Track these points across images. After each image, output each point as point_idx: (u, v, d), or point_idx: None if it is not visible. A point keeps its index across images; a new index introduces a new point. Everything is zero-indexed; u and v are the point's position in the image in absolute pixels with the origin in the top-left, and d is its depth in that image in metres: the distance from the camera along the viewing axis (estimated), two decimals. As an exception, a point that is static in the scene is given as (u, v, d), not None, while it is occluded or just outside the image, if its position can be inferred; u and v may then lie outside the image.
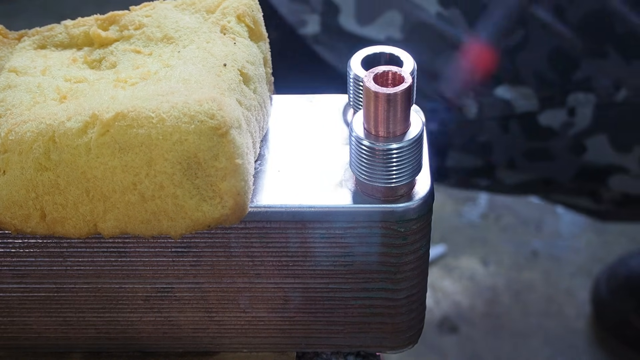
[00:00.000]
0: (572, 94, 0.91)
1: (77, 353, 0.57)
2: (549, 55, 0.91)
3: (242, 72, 0.51)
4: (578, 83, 0.91)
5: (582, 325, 1.36)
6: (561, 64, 0.91)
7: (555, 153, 0.95)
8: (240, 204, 0.46)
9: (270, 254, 0.51)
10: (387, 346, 0.56)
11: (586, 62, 0.90)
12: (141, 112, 0.46)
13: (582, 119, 0.91)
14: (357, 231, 0.50)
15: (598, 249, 1.49)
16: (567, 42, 0.90)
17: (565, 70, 0.91)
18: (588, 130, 0.92)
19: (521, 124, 0.93)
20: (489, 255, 1.49)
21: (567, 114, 0.92)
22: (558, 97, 0.91)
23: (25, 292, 0.54)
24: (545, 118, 0.92)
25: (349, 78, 0.54)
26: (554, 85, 0.91)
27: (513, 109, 0.92)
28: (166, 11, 0.55)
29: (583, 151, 0.94)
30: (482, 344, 1.35)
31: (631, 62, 0.90)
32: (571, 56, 0.90)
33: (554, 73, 0.91)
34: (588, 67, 0.90)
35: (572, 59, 0.90)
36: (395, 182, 0.49)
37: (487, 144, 0.95)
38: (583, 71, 0.90)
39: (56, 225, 0.48)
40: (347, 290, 0.53)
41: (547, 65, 0.91)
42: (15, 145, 0.48)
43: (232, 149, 0.46)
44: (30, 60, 0.54)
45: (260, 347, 0.56)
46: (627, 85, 0.90)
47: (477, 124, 0.93)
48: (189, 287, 0.53)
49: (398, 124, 0.48)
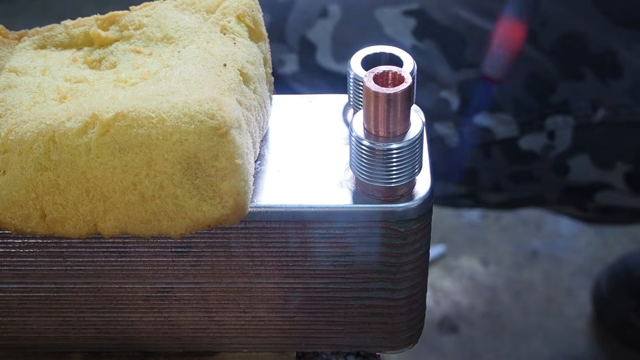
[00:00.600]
0: (550, 117, 0.91)
1: (77, 353, 0.57)
2: (525, 80, 0.91)
3: (242, 72, 0.51)
4: (555, 106, 0.91)
5: (582, 325, 1.36)
6: (537, 88, 0.91)
7: (539, 175, 0.95)
8: (240, 204, 0.46)
9: (270, 254, 0.51)
10: (387, 346, 0.56)
11: (562, 85, 0.91)
12: (141, 112, 0.46)
13: (562, 141, 0.92)
14: (357, 231, 0.50)
15: (598, 249, 1.49)
16: (542, 66, 0.91)
17: (542, 94, 0.92)
18: (569, 151, 0.93)
19: (502, 149, 0.94)
20: (489, 255, 1.49)
21: (546, 137, 0.92)
22: (537, 122, 0.92)
23: (25, 292, 0.54)
24: (525, 142, 0.93)
25: (349, 78, 0.54)
26: (532, 110, 0.92)
27: (493, 135, 0.93)
28: (166, 11, 0.55)
29: (566, 171, 0.94)
30: (482, 344, 1.35)
31: (607, 82, 0.90)
32: (547, 80, 0.91)
33: (531, 98, 0.92)
34: (564, 90, 0.91)
35: (548, 83, 0.91)
36: (395, 182, 0.49)
37: (472, 170, 0.95)
38: (559, 94, 0.91)
39: (56, 225, 0.48)
40: (347, 290, 0.53)
41: (523, 90, 0.92)
42: (15, 145, 0.48)
43: (232, 149, 0.46)
44: (30, 60, 0.54)
45: (260, 347, 0.56)
46: (604, 105, 0.90)
47: (459, 152, 0.94)
48: (189, 287, 0.53)
49: (398, 124, 0.48)
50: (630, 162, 0.92)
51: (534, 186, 0.97)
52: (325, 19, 0.95)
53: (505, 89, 0.92)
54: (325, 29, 0.95)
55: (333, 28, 0.95)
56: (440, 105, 0.92)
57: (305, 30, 0.96)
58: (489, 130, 0.92)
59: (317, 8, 0.96)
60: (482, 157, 0.94)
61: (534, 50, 0.91)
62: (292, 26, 0.97)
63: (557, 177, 0.95)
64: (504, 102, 0.92)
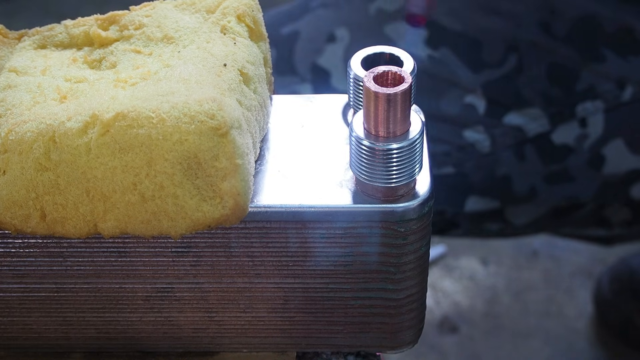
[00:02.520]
0: (579, 104, 0.90)
1: (77, 353, 0.57)
2: (548, 72, 0.91)
3: (242, 72, 0.51)
4: (582, 93, 0.90)
5: (582, 325, 1.36)
6: (561, 77, 0.91)
7: (575, 172, 0.94)
8: (240, 204, 0.46)
9: (270, 254, 0.51)
10: (387, 346, 0.56)
11: (585, 70, 0.90)
12: (141, 112, 0.46)
13: (595, 127, 0.91)
14: (357, 231, 0.50)
15: (598, 249, 1.48)
16: (561, 55, 0.90)
17: (567, 83, 0.91)
18: (603, 138, 0.92)
19: (536, 148, 0.93)
20: (489, 255, 1.49)
21: (579, 125, 0.91)
22: (567, 111, 0.91)
23: (25, 292, 0.54)
24: (558, 136, 0.92)
25: (349, 78, 0.54)
26: (560, 101, 0.91)
27: (525, 133, 0.92)
28: (166, 11, 0.55)
29: (602, 163, 0.93)
30: (482, 344, 1.35)
31: (629, 58, 0.90)
32: (569, 68, 0.90)
33: (556, 88, 0.91)
34: (588, 75, 0.90)
35: (571, 71, 0.90)
36: (395, 182, 0.49)
37: (506, 177, 0.94)
38: (584, 80, 0.90)
39: (56, 225, 0.48)
40: (347, 290, 0.53)
41: (548, 82, 0.91)
42: (16, 145, 0.48)
43: (233, 149, 0.46)
44: (31, 60, 0.54)
45: (260, 347, 0.56)
46: (630, 82, 0.90)
47: (492, 157, 0.93)
48: (189, 287, 0.53)
49: (398, 124, 0.48)
50: None
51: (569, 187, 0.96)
52: (334, 44, 0.95)
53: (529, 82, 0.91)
54: (336, 53, 0.94)
55: (343, 51, 0.94)
56: (467, 110, 0.92)
57: (315, 58, 0.95)
58: (521, 128, 0.91)
59: (324, 34, 0.96)
60: (516, 160, 0.93)
61: (550, 39, 0.90)
62: (300, 56, 0.96)
63: (593, 172, 0.93)
64: (530, 96, 0.91)
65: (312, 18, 0.97)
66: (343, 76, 0.94)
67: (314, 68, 0.95)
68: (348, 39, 0.95)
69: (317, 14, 0.98)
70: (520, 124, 0.91)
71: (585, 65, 0.90)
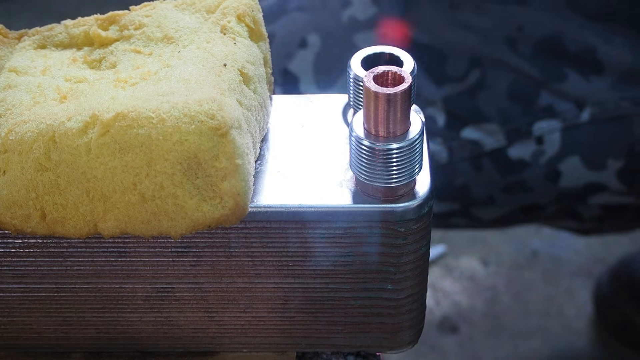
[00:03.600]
0: (536, 123, 0.92)
1: (77, 353, 0.57)
2: (509, 89, 0.92)
3: (242, 72, 0.51)
4: (541, 111, 0.92)
5: (582, 325, 1.36)
6: (521, 95, 0.92)
7: (532, 184, 0.96)
8: (240, 204, 0.46)
9: (270, 254, 0.51)
10: (387, 346, 0.56)
11: (546, 88, 0.91)
12: (141, 113, 0.46)
13: (551, 145, 0.92)
14: (357, 231, 0.50)
15: (598, 249, 1.49)
16: (523, 73, 0.91)
17: (526, 101, 0.92)
18: (559, 155, 0.93)
19: (492, 161, 0.94)
20: (489, 255, 1.49)
21: (535, 143, 0.93)
22: (524, 129, 0.92)
23: (25, 292, 0.54)
24: (514, 151, 0.93)
25: (349, 78, 0.54)
26: (518, 118, 0.92)
27: (482, 147, 0.93)
28: (166, 11, 0.54)
29: (558, 177, 0.94)
30: (482, 344, 1.35)
31: (590, 79, 0.91)
32: (530, 86, 0.91)
33: (515, 106, 0.92)
34: (548, 94, 0.91)
35: (532, 88, 0.91)
36: (395, 182, 0.49)
37: (463, 186, 0.95)
38: (544, 98, 0.91)
39: (56, 225, 0.48)
40: (347, 290, 0.53)
41: (507, 99, 0.92)
42: (16, 145, 0.48)
43: (232, 149, 0.46)
44: (31, 60, 0.54)
45: (260, 347, 0.56)
46: (590, 103, 0.91)
47: (450, 168, 0.94)
48: (189, 287, 0.53)
49: (398, 124, 0.48)
50: (621, 158, 0.92)
51: (527, 196, 0.97)
52: (305, 50, 0.95)
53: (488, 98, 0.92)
54: (306, 59, 0.95)
55: (313, 57, 0.95)
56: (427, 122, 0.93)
57: (286, 63, 0.96)
58: (478, 142, 0.93)
59: (296, 39, 0.96)
60: (472, 171, 0.94)
61: (515, 56, 0.91)
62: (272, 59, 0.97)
63: (549, 184, 0.95)
64: (489, 112, 0.92)
65: (288, 21, 0.98)
66: (311, 82, 0.95)
67: (284, 72, 0.96)
68: (319, 46, 0.95)
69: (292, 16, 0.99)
70: (477, 138, 0.93)
71: (546, 84, 0.91)
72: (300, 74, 0.95)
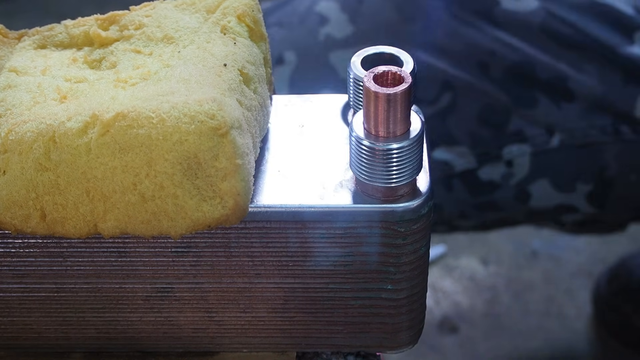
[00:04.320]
0: (506, 147, 0.93)
1: (77, 353, 0.57)
2: (479, 113, 0.92)
3: (242, 72, 0.51)
4: (511, 135, 0.92)
5: (582, 325, 1.36)
6: (492, 119, 0.92)
7: (502, 204, 0.97)
8: (240, 204, 0.46)
9: (270, 254, 0.51)
10: (387, 346, 0.56)
11: (516, 113, 0.92)
12: (141, 113, 0.46)
13: (521, 169, 0.93)
14: (357, 231, 0.50)
15: (598, 249, 1.49)
16: (494, 97, 0.92)
17: (496, 125, 0.93)
18: (528, 177, 0.94)
19: (463, 181, 0.95)
20: (489, 255, 1.49)
21: (505, 166, 0.94)
22: (494, 152, 0.93)
23: (25, 292, 0.54)
24: (484, 173, 0.94)
25: (349, 78, 0.54)
26: (488, 141, 0.93)
27: (452, 168, 0.94)
28: (166, 11, 0.54)
29: (528, 198, 0.95)
30: (482, 344, 1.35)
31: (561, 105, 0.91)
32: (500, 111, 0.92)
33: (486, 129, 0.93)
34: (518, 119, 0.92)
35: (502, 113, 0.92)
36: (395, 182, 0.49)
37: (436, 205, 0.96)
38: (514, 123, 0.92)
39: (56, 225, 0.48)
40: (347, 290, 0.53)
41: (478, 123, 0.93)
42: (16, 145, 0.47)
43: (233, 150, 0.46)
44: (31, 60, 0.54)
45: (260, 347, 0.56)
46: (559, 129, 0.92)
47: None
48: (189, 287, 0.53)
49: (398, 124, 0.48)
50: (590, 182, 0.93)
51: (499, 214, 0.98)
52: (282, 66, 0.96)
53: (459, 121, 0.93)
54: (282, 75, 0.96)
55: (290, 74, 0.95)
56: None
57: None
58: (448, 163, 0.94)
59: (274, 56, 0.96)
60: (443, 190, 0.95)
61: (485, 81, 0.91)
62: None
63: (519, 204, 0.96)
64: (460, 135, 0.93)
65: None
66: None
67: None
68: (294, 63, 0.96)
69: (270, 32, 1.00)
70: (448, 160, 0.94)
71: (516, 110, 0.92)
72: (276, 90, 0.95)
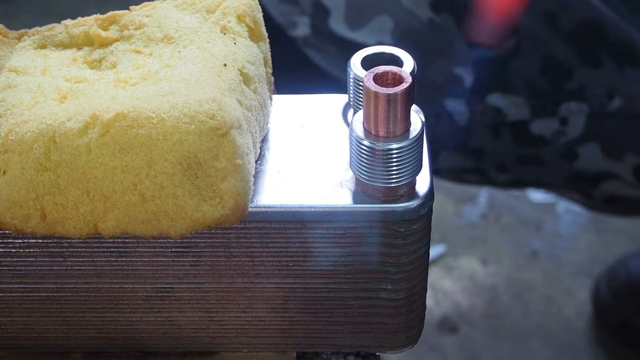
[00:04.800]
0: (564, 103, 0.90)
1: (77, 353, 0.57)
2: (541, 64, 0.90)
3: (242, 72, 0.51)
4: (571, 92, 0.90)
5: (582, 325, 1.36)
6: (553, 73, 0.90)
7: (546, 159, 0.95)
8: (240, 204, 0.46)
9: (270, 254, 0.51)
10: (387, 346, 0.56)
11: (579, 71, 0.89)
12: (141, 113, 0.46)
13: (574, 128, 0.91)
14: (357, 231, 0.50)
15: (598, 249, 1.49)
16: (559, 50, 0.89)
17: (557, 79, 0.90)
18: (580, 138, 0.92)
19: (512, 132, 0.93)
20: (489, 255, 1.49)
21: (559, 123, 0.91)
22: (550, 107, 0.91)
23: (25, 292, 0.54)
24: (536, 127, 0.92)
25: (349, 78, 0.54)
26: (546, 95, 0.91)
27: (504, 117, 0.92)
28: (166, 11, 0.55)
29: (574, 158, 0.93)
30: (482, 344, 1.35)
31: (625, 70, 0.89)
32: (564, 65, 0.90)
33: (546, 82, 0.90)
34: (581, 77, 0.90)
35: (565, 68, 0.90)
36: (395, 182, 0.49)
37: (479, 149, 0.94)
38: (576, 81, 0.90)
39: (56, 225, 0.48)
40: (347, 290, 0.53)
41: (539, 74, 0.90)
42: (16, 146, 0.48)
43: (233, 149, 0.46)
44: (31, 60, 0.54)
45: (260, 347, 0.56)
46: (620, 94, 0.89)
47: (468, 131, 0.93)
48: (189, 287, 0.53)
49: (398, 124, 0.48)
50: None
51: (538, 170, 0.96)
52: None
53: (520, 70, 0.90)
54: None
55: None
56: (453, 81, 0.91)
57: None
58: (501, 111, 0.91)
59: None
60: (490, 137, 0.93)
61: (552, 33, 0.89)
62: None
63: (564, 163, 0.94)
64: (517, 84, 0.90)
65: None
66: (342, 18, 0.92)
67: (315, 3, 0.93)
68: None
69: None
70: (502, 107, 0.91)
71: (580, 66, 0.89)
72: (332, 8, 0.92)
